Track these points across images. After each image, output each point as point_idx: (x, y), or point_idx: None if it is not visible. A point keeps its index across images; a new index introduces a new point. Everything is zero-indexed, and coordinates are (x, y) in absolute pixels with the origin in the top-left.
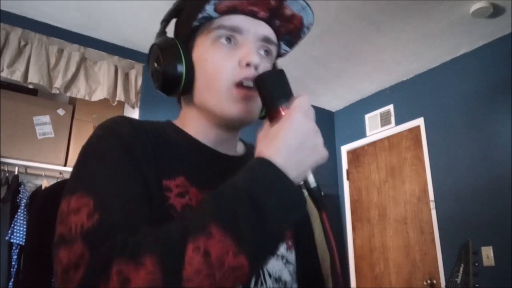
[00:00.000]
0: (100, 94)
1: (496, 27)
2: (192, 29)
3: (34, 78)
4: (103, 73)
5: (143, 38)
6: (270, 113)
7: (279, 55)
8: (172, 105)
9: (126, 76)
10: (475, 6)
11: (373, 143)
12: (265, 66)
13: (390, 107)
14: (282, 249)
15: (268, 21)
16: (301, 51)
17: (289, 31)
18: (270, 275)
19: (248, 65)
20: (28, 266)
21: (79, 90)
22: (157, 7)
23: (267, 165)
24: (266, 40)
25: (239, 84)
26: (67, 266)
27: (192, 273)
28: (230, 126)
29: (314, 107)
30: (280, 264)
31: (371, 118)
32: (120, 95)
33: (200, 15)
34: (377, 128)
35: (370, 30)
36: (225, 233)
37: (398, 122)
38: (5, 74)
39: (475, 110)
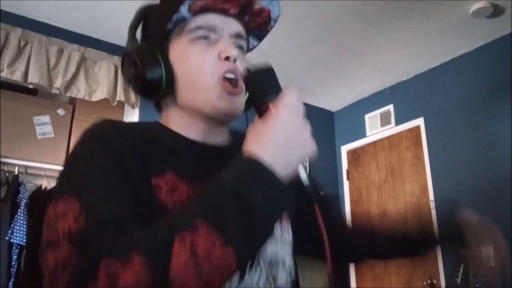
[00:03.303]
0: (100, 94)
1: (496, 27)
2: (166, 31)
3: (34, 78)
4: (103, 73)
5: None
6: (259, 109)
7: (248, 50)
8: None
9: None
10: (475, 6)
11: (373, 143)
12: (242, 60)
13: (390, 107)
14: (277, 232)
15: (238, 17)
16: (301, 51)
17: (257, 25)
18: (264, 259)
19: (227, 58)
20: (29, 266)
21: (79, 90)
22: None
23: (253, 163)
24: (238, 36)
25: (223, 78)
26: (55, 268)
27: (178, 264)
28: (219, 120)
29: (314, 107)
30: (275, 247)
31: (371, 118)
32: (120, 95)
33: (174, 17)
34: (377, 128)
35: (370, 30)
36: (212, 228)
37: (398, 122)
38: (5, 74)
39: (475, 110)
